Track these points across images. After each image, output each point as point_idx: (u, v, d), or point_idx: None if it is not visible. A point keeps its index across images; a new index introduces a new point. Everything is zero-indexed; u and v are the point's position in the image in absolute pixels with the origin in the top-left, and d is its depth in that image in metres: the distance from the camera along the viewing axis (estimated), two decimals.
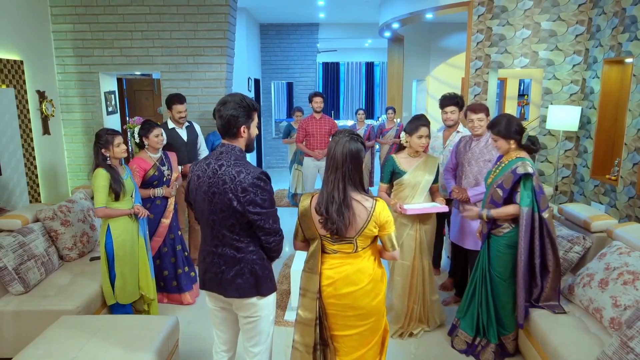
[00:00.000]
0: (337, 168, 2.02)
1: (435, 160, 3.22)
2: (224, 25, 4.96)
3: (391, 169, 3.21)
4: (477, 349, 3.03)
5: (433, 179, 3.17)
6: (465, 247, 3.51)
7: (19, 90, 4.24)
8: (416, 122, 3.09)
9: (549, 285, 2.82)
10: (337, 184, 2.01)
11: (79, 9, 4.92)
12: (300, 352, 2.18)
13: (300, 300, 2.18)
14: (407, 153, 3.21)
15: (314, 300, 2.12)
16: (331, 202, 2.00)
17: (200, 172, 2.06)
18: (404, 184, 3.17)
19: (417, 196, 3.17)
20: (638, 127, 4.09)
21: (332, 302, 2.14)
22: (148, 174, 3.53)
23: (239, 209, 1.96)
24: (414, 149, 3.15)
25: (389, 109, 7.05)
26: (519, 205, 2.72)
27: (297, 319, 2.19)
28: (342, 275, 2.10)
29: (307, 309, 2.15)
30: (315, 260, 2.13)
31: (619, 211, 4.35)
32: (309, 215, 2.10)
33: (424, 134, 3.08)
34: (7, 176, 4.04)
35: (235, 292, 2.07)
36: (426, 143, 3.11)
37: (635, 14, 4.13)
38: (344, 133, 2.08)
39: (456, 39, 8.97)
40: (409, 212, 3.07)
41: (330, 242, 2.12)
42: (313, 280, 2.13)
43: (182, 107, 4.16)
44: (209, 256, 2.11)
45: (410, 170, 3.15)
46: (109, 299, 3.18)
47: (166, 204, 3.66)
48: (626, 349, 2.07)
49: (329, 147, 2.08)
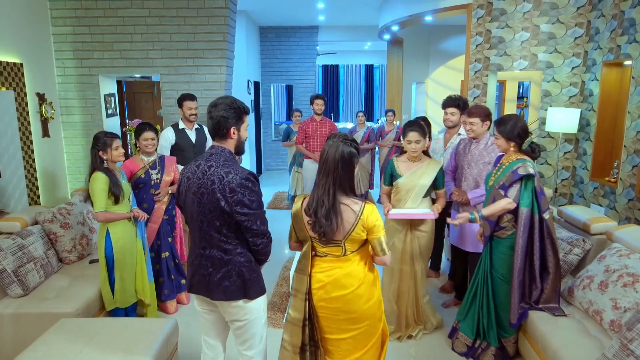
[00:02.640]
0: (329, 173, 2.03)
1: (437, 165, 3.16)
2: (223, 28, 4.97)
3: (390, 171, 3.22)
4: (477, 352, 3.03)
5: (428, 184, 3.11)
6: (466, 249, 3.51)
7: (19, 93, 4.24)
8: (406, 127, 3.08)
9: (549, 286, 2.82)
10: (327, 189, 2.03)
11: (78, 12, 4.93)
12: (288, 351, 2.20)
13: (292, 300, 2.21)
14: (407, 157, 3.20)
15: (303, 301, 2.14)
16: (320, 206, 2.02)
17: (190, 174, 2.07)
18: (399, 187, 3.16)
19: (410, 200, 3.13)
20: (637, 129, 4.09)
21: (323, 306, 2.15)
22: (135, 175, 3.48)
23: (227, 210, 1.97)
24: (409, 153, 3.14)
25: (388, 112, 7.06)
26: (509, 199, 2.72)
27: (287, 319, 2.21)
28: (331, 279, 2.11)
29: (296, 309, 2.17)
30: (306, 262, 2.15)
31: (618, 213, 4.35)
32: (300, 217, 2.13)
33: (412, 139, 3.04)
34: (6, 179, 4.04)
35: (222, 295, 2.07)
36: (416, 148, 3.07)
37: (634, 17, 4.14)
38: (338, 137, 2.09)
39: (455, 42, 8.99)
40: (391, 216, 3.05)
41: (320, 244, 2.13)
42: (303, 281, 2.15)
43: (193, 103, 4.21)
44: (197, 258, 2.12)
45: (407, 174, 3.14)
46: (109, 305, 3.15)
47: (153, 209, 3.57)
48: (626, 351, 2.06)
49: (322, 150, 2.09)
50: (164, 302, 3.66)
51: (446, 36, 9.13)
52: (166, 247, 3.67)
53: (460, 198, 3.42)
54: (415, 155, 3.13)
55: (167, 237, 3.69)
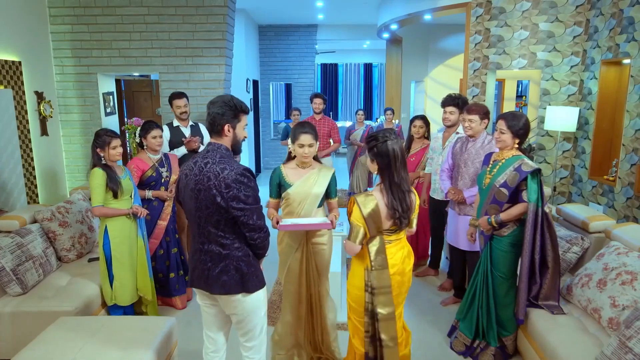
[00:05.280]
0: (399, 167, 2.26)
1: (328, 172, 2.76)
2: (222, 27, 4.96)
3: (278, 181, 2.77)
4: (475, 352, 3.03)
5: (322, 192, 2.71)
6: (460, 247, 3.52)
7: (17, 91, 4.23)
8: (297, 128, 2.66)
9: (548, 282, 2.82)
10: (402, 181, 2.27)
11: (77, 10, 4.92)
12: (391, 347, 2.34)
13: (376, 299, 2.33)
14: (296, 163, 2.77)
15: (388, 293, 2.33)
16: (402, 198, 2.26)
17: (188, 171, 2.11)
18: (289, 198, 2.72)
19: (303, 212, 2.70)
20: (636, 127, 4.10)
21: (398, 286, 2.39)
22: (145, 174, 3.52)
23: (223, 205, 1.99)
24: (299, 158, 2.72)
25: (387, 110, 7.07)
26: (526, 202, 2.72)
27: (379, 319, 2.33)
28: (401, 259, 2.38)
29: (387, 304, 2.33)
30: (384, 255, 2.32)
31: (617, 212, 4.36)
32: (378, 213, 2.26)
33: (305, 142, 2.63)
34: (5, 177, 4.04)
35: (221, 289, 2.10)
36: (309, 152, 2.66)
37: (632, 15, 4.15)
38: (389, 132, 2.29)
39: (454, 40, 9.00)
40: (281, 228, 2.60)
41: (388, 233, 2.33)
42: (384, 275, 2.32)
43: (181, 101, 4.18)
44: (196, 253, 2.15)
45: (297, 182, 2.71)
46: (108, 300, 3.18)
47: (163, 206, 3.63)
48: (624, 348, 2.07)
49: (388, 148, 2.24)
50: (174, 297, 3.73)
51: (445, 35, 9.13)
52: (175, 243, 3.74)
53: (457, 197, 3.43)
54: (307, 161, 2.73)
55: (175, 233, 3.76)
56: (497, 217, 2.79)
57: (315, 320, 2.88)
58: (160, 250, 3.65)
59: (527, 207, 2.71)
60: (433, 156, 4.07)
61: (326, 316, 2.88)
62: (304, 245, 2.75)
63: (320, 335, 2.90)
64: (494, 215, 2.82)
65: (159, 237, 3.62)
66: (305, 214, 2.71)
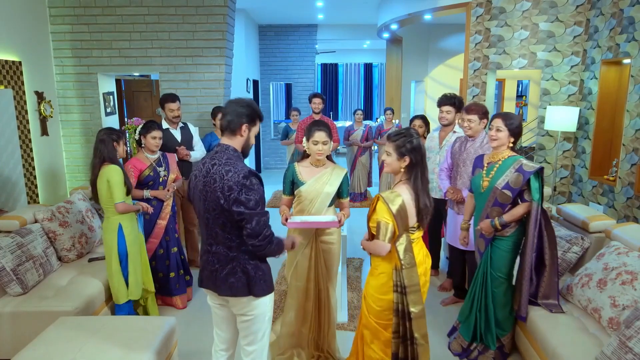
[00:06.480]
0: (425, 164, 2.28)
1: (341, 172, 2.80)
2: (222, 27, 4.96)
3: (291, 178, 2.82)
4: (471, 354, 3.02)
5: (334, 192, 2.75)
6: (458, 247, 3.52)
7: (17, 91, 4.23)
8: (311, 126, 2.73)
9: (546, 280, 2.82)
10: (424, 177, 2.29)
11: (77, 10, 4.92)
12: (423, 345, 2.32)
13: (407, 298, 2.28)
14: (310, 161, 2.81)
15: (418, 291, 2.30)
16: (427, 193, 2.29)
17: (197, 172, 2.12)
18: (301, 196, 2.77)
19: (314, 211, 2.74)
20: (636, 127, 4.10)
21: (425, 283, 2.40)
22: (143, 174, 3.52)
23: (226, 207, 1.98)
24: (313, 156, 2.76)
25: (387, 110, 7.07)
26: (528, 202, 2.72)
27: (412, 317, 2.29)
28: (424, 255, 2.39)
29: (418, 302, 2.30)
30: (412, 254, 2.29)
31: (617, 211, 4.36)
32: (405, 210, 2.24)
33: (319, 140, 2.67)
34: (5, 177, 4.04)
35: (228, 291, 2.10)
36: (323, 150, 2.70)
37: (632, 15, 4.15)
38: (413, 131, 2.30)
39: (454, 40, 9.00)
40: (290, 225, 2.65)
41: (412, 231, 2.32)
42: (414, 273, 2.29)
43: (174, 105, 4.14)
44: (206, 254, 2.16)
45: (310, 181, 2.75)
46: (122, 297, 3.18)
47: (162, 205, 3.63)
48: (625, 348, 2.07)
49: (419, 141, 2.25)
50: (174, 296, 3.73)
51: (445, 35, 9.13)
52: (174, 242, 3.75)
53: (456, 196, 3.42)
54: (320, 159, 2.76)
55: (174, 232, 3.77)
56: (501, 219, 2.78)
57: (322, 317, 2.90)
58: (160, 249, 3.66)
59: (529, 207, 2.71)
60: (430, 155, 4.06)
61: (333, 314, 2.92)
62: (313, 242, 2.80)
63: (326, 332, 2.93)
64: (497, 218, 2.80)
65: (159, 236, 3.63)
66: (316, 212, 2.74)
